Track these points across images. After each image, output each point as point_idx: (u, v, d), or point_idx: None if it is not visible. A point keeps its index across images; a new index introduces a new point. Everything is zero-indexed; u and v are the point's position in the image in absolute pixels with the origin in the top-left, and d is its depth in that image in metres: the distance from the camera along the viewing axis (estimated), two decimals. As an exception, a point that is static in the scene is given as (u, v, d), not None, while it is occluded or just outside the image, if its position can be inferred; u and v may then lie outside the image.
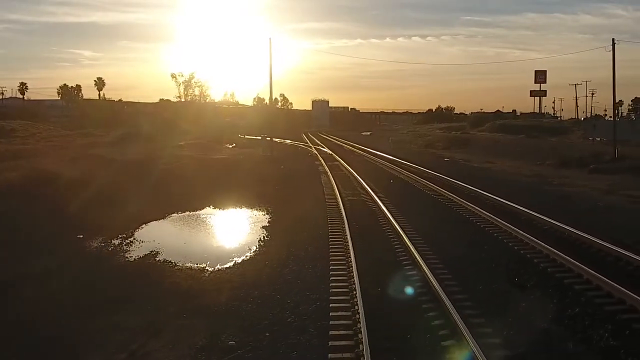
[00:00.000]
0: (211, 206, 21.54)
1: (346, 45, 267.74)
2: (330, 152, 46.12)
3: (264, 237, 16.07)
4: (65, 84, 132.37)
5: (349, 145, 61.34)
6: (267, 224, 17.98)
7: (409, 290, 10.29)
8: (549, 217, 15.96)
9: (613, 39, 37.57)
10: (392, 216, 16.61)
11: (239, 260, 13.55)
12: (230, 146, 56.82)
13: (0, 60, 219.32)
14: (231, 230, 17.35)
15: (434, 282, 10.20)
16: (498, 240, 14.26)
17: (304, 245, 14.23)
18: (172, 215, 19.73)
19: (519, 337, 8.20)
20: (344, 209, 18.06)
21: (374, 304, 9.39)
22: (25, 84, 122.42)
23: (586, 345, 8.11)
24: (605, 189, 27.29)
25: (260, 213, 20.04)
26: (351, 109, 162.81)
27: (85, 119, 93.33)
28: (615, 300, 9.49)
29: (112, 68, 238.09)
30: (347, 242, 13.45)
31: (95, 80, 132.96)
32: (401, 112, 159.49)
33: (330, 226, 15.85)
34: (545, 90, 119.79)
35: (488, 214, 16.91)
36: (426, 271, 10.90)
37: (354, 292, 9.77)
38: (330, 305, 9.54)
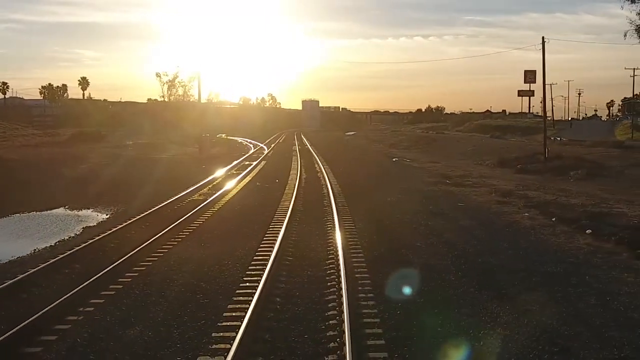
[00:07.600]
0: (67, 206, 21.02)
1: (348, 45, 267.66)
2: (267, 153, 45.69)
3: (70, 237, 15.58)
4: (49, 84, 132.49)
5: (301, 144, 60.79)
6: (95, 224, 17.47)
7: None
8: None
9: (543, 37, 37.05)
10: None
11: (5, 261, 13.09)
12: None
13: (2, 60, 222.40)
14: (49, 231, 16.86)
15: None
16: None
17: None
18: (14, 215, 19.31)
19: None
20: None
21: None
22: (7, 83, 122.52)
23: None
24: (509, 188, 26.61)
25: (105, 213, 19.55)
26: (342, 108, 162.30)
27: (67, 118, 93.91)
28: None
29: (113, 68, 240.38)
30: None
31: (79, 80, 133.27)
32: (392, 112, 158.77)
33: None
34: (533, 90, 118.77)
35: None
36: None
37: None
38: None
